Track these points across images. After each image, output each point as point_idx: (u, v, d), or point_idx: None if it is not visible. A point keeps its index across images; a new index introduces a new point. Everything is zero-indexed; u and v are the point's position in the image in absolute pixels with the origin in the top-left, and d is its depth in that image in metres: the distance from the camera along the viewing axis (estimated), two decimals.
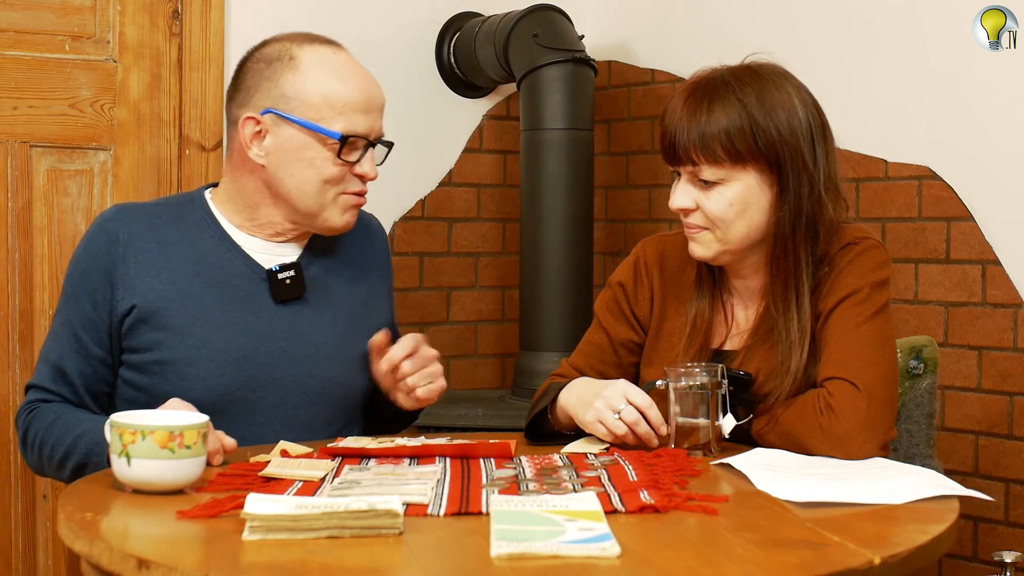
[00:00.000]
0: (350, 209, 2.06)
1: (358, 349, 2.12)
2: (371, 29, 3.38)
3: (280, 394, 2.04)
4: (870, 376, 1.89)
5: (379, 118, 2.06)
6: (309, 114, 2.00)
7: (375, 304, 2.20)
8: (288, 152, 2.01)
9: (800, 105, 1.98)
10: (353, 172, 2.03)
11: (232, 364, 2.00)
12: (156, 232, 2.04)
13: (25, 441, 2.01)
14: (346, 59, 2.06)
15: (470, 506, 1.53)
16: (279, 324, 2.05)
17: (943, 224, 2.95)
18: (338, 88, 2.01)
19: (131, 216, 2.06)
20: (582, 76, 3.30)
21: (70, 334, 2.01)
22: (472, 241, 3.63)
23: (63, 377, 2.00)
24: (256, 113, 2.02)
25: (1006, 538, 2.87)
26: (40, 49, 2.89)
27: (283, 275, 2.06)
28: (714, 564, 1.32)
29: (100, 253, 2.01)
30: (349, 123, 2.00)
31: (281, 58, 2.03)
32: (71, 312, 2.01)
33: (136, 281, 2.00)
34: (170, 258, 2.03)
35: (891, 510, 1.56)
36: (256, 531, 1.38)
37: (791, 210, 1.97)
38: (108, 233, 2.03)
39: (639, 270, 2.14)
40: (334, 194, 2.03)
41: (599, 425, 1.92)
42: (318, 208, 2.04)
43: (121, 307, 1.99)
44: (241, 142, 2.03)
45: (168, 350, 1.98)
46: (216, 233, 2.07)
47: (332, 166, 2.01)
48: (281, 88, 2.01)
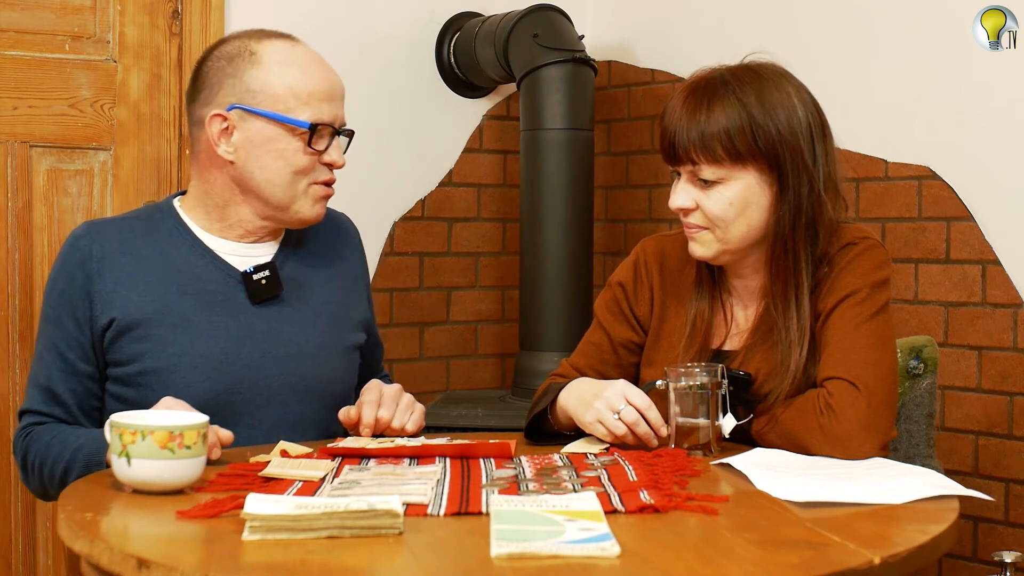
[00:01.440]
0: (320, 200, 2.07)
1: (340, 345, 2.13)
2: (371, 29, 3.38)
3: (266, 395, 2.04)
4: (870, 376, 1.89)
5: (342, 106, 2.08)
6: (276, 106, 2.01)
7: (352, 300, 2.20)
8: (257, 146, 2.02)
9: (800, 104, 1.98)
10: (321, 161, 2.04)
11: (215, 369, 2.00)
12: (128, 245, 2.05)
13: (25, 466, 2.01)
14: (304, 50, 2.08)
15: (470, 506, 1.52)
16: (258, 325, 2.05)
17: (943, 224, 2.96)
18: (302, 78, 2.02)
19: (101, 232, 2.06)
20: (582, 76, 3.31)
21: (55, 355, 2.01)
22: (472, 241, 3.63)
23: (54, 398, 2.00)
24: (222, 110, 2.03)
25: (1006, 538, 2.87)
26: (40, 49, 2.89)
27: (258, 276, 2.06)
28: (714, 564, 1.32)
29: (75, 271, 2.02)
30: (316, 112, 2.02)
31: (241, 54, 2.05)
32: (54, 333, 2.02)
33: (113, 295, 2.00)
34: (145, 269, 2.03)
35: (891, 510, 1.56)
36: (256, 531, 1.38)
37: (791, 209, 1.97)
38: (80, 251, 2.03)
39: (639, 270, 2.14)
40: (304, 185, 2.04)
41: (599, 425, 1.92)
42: (289, 200, 2.04)
43: (101, 321, 2.00)
44: (207, 141, 2.04)
45: (150, 360, 1.99)
46: (188, 240, 2.08)
47: (302, 156, 2.02)
48: (245, 83, 2.02)
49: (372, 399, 2.03)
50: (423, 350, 3.55)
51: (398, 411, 2.02)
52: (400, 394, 2.05)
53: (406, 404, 2.04)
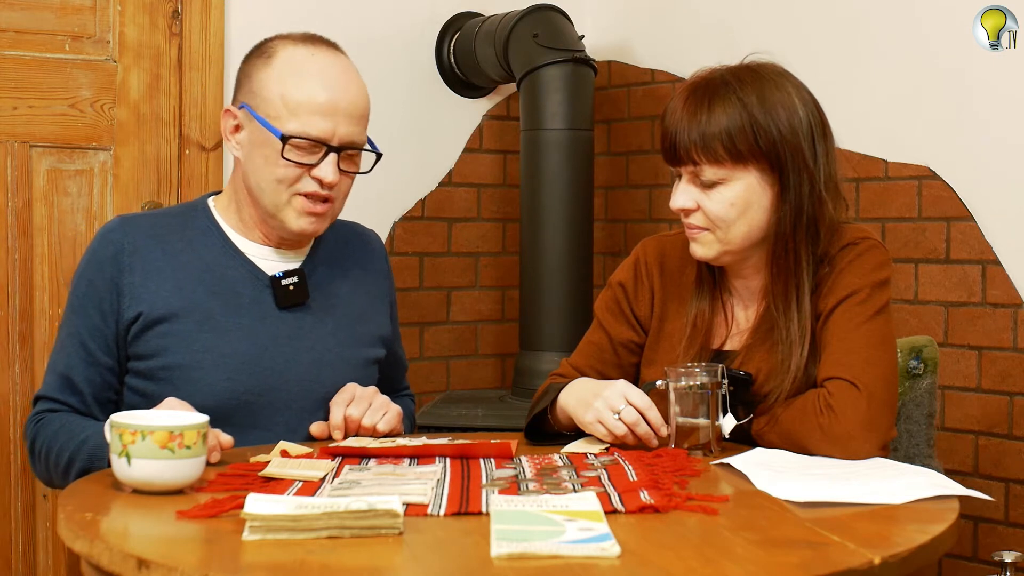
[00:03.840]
0: (306, 214, 2.02)
1: (358, 357, 2.13)
2: (371, 29, 3.38)
3: (285, 399, 2.04)
4: (870, 376, 1.89)
5: (347, 123, 2.00)
6: (268, 111, 2.00)
7: (374, 315, 2.20)
8: (253, 147, 2.03)
9: (800, 104, 1.98)
10: (311, 175, 2.01)
11: (237, 369, 2.00)
12: (160, 241, 2.05)
13: (33, 451, 2.01)
14: (323, 61, 2.03)
15: (470, 506, 1.52)
16: (283, 331, 2.05)
17: (943, 224, 2.96)
18: (296, 88, 1.99)
19: (134, 227, 2.06)
20: (582, 76, 3.30)
21: (77, 343, 2.01)
22: (472, 241, 3.63)
23: (71, 386, 2.00)
24: (235, 107, 2.06)
25: (1006, 538, 2.87)
26: (40, 49, 2.89)
27: (287, 281, 2.06)
28: (714, 564, 1.32)
29: (105, 264, 2.02)
30: (302, 125, 1.97)
31: (262, 54, 2.05)
32: (78, 322, 2.02)
33: (142, 289, 2.00)
34: (175, 266, 2.03)
35: (891, 510, 1.56)
36: (256, 531, 1.38)
37: (792, 209, 1.97)
38: (112, 244, 2.03)
39: (639, 270, 2.14)
40: (288, 195, 2.01)
41: (599, 426, 1.92)
42: (275, 208, 2.03)
43: (128, 315, 2.00)
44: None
45: (174, 355, 1.99)
46: (220, 240, 2.08)
47: (282, 166, 2.00)
48: (252, 84, 2.04)
49: (341, 399, 2.03)
50: (423, 350, 3.55)
51: (370, 410, 2.01)
52: (374, 394, 2.05)
53: (379, 404, 2.03)
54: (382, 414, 2.02)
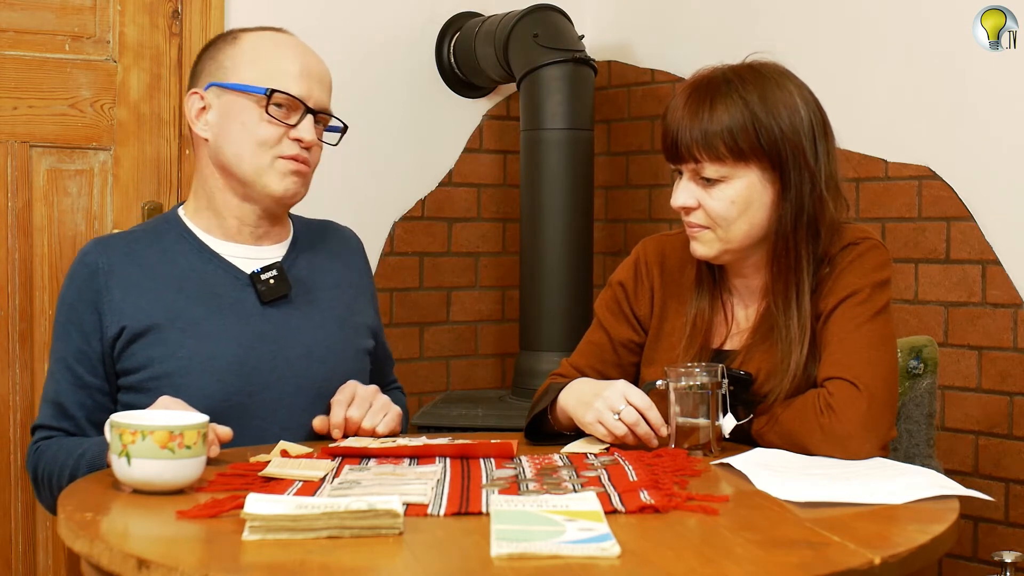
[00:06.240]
0: (289, 175, 2.06)
1: (350, 348, 2.13)
2: (371, 29, 3.38)
3: (277, 396, 2.04)
4: (870, 376, 1.89)
5: (319, 89, 2.08)
6: (243, 76, 2.05)
7: (359, 307, 2.20)
8: (226, 118, 2.06)
9: (802, 103, 1.98)
10: (290, 136, 2.05)
11: (226, 370, 2.01)
12: (135, 258, 2.05)
13: (36, 480, 2.01)
14: (289, 38, 2.12)
15: (470, 506, 1.52)
16: (268, 328, 2.06)
17: (943, 224, 2.96)
18: (271, 54, 2.07)
19: (108, 247, 2.07)
20: (582, 76, 3.30)
21: (64, 368, 2.02)
22: (472, 241, 3.63)
23: (63, 412, 2.01)
24: (200, 89, 2.08)
25: (1006, 538, 2.87)
26: (40, 49, 2.89)
27: (266, 275, 2.07)
28: (714, 564, 1.32)
29: (84, 286, 2.03)
30: (281, 83, 2.04)
31: (226, 40, 2.11)
32: (62, 348, 2.03)
33: (122, 304, 2.01)
34: (153, 279, 2.04)
35: (891, 510, 1.56)
36: (256, 531, 1.38)
37: (793, 208, 1.97)
38: (88, 266, 2.04)
39: (639, 270, 2.14)
40: (270, 158, 2.04)
41: (599, 426, 1.92)
42: (255, 174, 2.05)
43: (110, 332, 2.00)
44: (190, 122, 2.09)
45: (161, 364, 1.99)
46: (195, 246, 2.09)
47: (265, 126, 2.03)
48: (219, 61, 2.08)
49: (342, 399, 2.03)
50: (423, 350, 3.55)
51: (371, 411, 2.01)
52: (375, 394, 2.05)
53: (380, 405, 2.03)
54: (383, 416, 2.02)
